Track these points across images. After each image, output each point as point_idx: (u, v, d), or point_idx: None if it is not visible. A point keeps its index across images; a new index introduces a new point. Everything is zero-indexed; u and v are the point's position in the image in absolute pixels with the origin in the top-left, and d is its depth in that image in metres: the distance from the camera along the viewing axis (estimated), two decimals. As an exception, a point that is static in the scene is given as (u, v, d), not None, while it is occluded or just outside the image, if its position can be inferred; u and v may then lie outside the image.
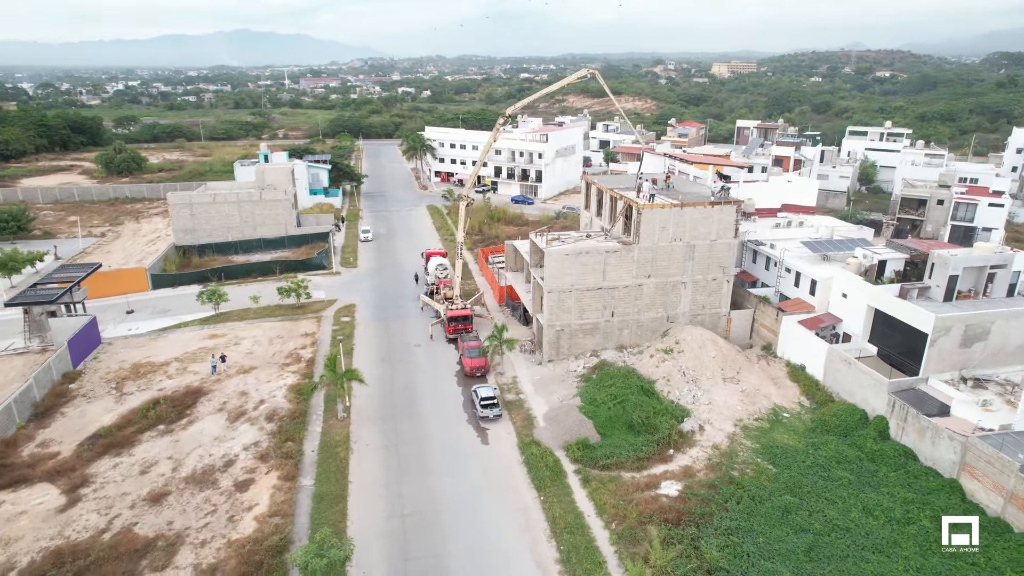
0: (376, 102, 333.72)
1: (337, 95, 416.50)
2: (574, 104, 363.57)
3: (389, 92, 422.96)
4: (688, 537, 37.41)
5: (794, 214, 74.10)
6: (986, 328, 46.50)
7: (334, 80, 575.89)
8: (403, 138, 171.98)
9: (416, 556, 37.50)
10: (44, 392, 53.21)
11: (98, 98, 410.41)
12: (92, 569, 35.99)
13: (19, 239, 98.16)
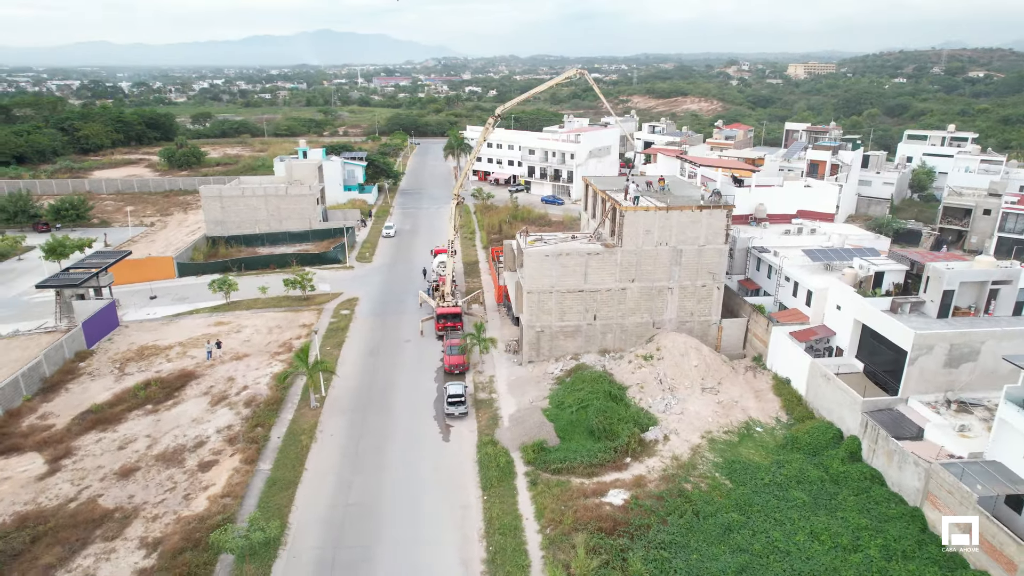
0: (440, 101, 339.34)
1: (405, 94, 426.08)
2: (638, 104, 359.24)
3: (456, 91, 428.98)
4: (618, 548, 36.68)
5: (810, 221, 70.80)
6: (975, 348, 43.23)
7: (405, 79, 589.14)
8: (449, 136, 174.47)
9: (348, 545, 38.35)
10: (54, 369, 57.23)
11: (184, 96, 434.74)
12: (49, 535, 38.64)
13: (78, 226, 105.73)
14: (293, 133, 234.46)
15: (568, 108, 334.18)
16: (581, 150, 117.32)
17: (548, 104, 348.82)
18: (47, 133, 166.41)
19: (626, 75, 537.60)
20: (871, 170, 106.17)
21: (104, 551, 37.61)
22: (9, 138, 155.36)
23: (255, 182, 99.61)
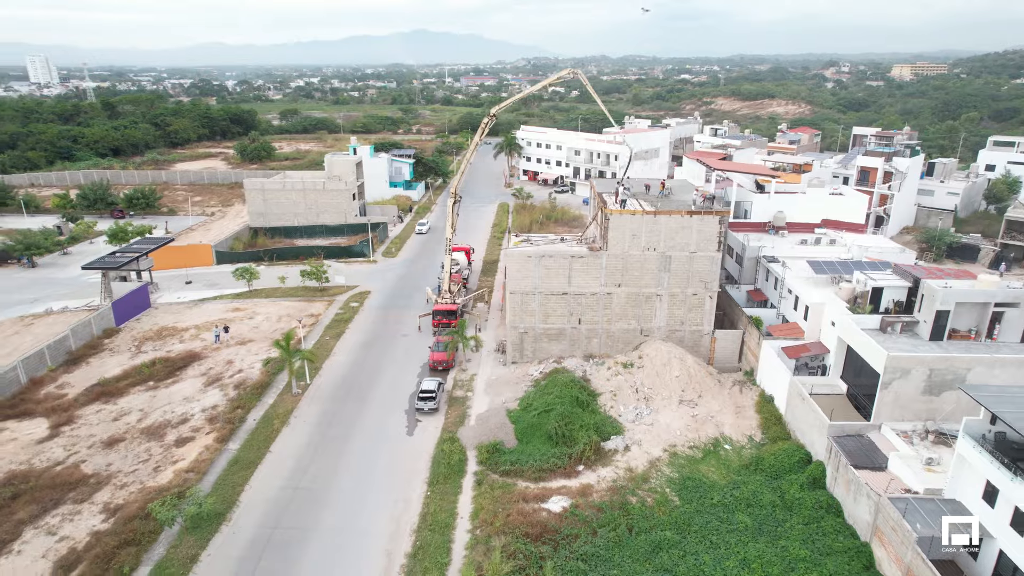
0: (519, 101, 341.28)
1: (488, 93, 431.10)
2: (722, 107, 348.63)
3: (539, 91, 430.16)
4: (538, 555, 36.23)
5: (835, 231, 66.61)
6: (959, 375, 39.52)
7: (492, 79, 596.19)
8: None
9: (285, 526, 39.84)
10: (81, 343, 62.34)
11: (280, 93, 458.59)
12: (28, 493, 42.37)
13: (148, 214, 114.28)
14: (369, 130, 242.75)
15: (650, 109, 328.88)
16: (626, 152, 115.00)
17: (628, 105, 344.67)
18: (142, 128, 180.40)
19: (716, 77, 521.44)
20: (936, 179, 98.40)
21: (71, 512, 40.82)
22: (108, 132, 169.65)
23: (297, 177, 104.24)
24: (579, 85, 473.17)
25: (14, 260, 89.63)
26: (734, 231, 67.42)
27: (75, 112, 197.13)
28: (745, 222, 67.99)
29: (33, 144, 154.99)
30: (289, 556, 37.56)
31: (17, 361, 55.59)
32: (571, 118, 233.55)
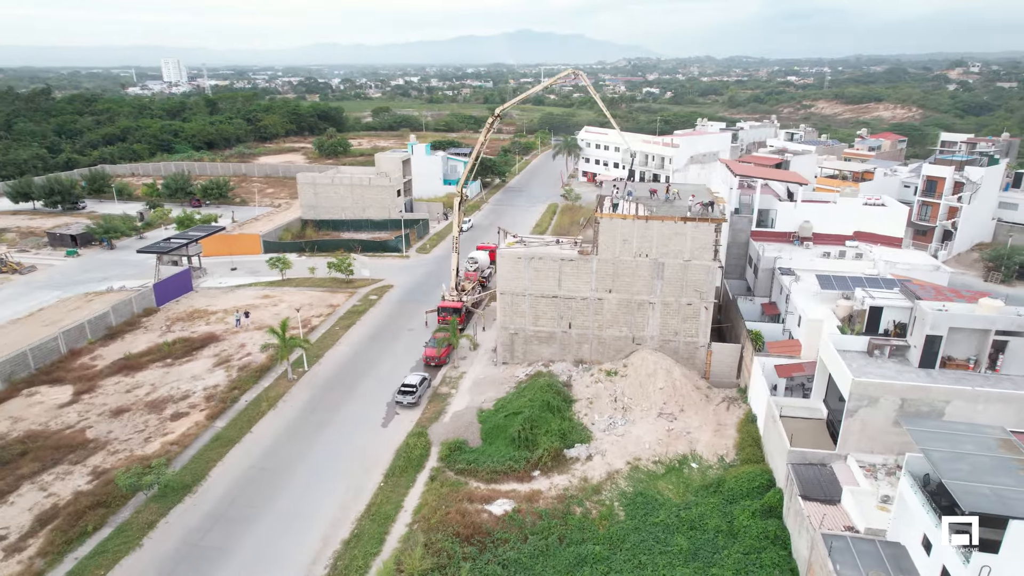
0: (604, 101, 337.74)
1: (579, 94, 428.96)
2: (823, 110, 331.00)
3: (632, 92, 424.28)
4: (460, 556, 36.31)
5: (868, 244, 61.82)
6: (936, 408, 35.82)
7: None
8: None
9: (241, 504, 42.02)
10: (121, 320, 67.98)
11: (380, 91, 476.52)
12: (34, 451, 46.89)
13: (221, 203, 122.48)
14: (451, 128, 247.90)
15: (745, 112, 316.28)
16: (680, 155, 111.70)
17: (723, 108, 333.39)
18: (235, 123, 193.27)
19: (820, 78, 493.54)
20: (1022, 191, 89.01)
21: (64, 472, 44.86)
22: (205, 127, 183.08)
23: (349, 172, 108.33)
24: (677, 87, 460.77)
25: (97, 242, 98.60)
26: (756, 240, 64.08)
27: (180, 108, 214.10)
28: (769, 231, 64.40)
29: (139, 137, 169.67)
30: (235, 532, 39.57)
31: (58, 333, 61.43)
32: (652, 119, 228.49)
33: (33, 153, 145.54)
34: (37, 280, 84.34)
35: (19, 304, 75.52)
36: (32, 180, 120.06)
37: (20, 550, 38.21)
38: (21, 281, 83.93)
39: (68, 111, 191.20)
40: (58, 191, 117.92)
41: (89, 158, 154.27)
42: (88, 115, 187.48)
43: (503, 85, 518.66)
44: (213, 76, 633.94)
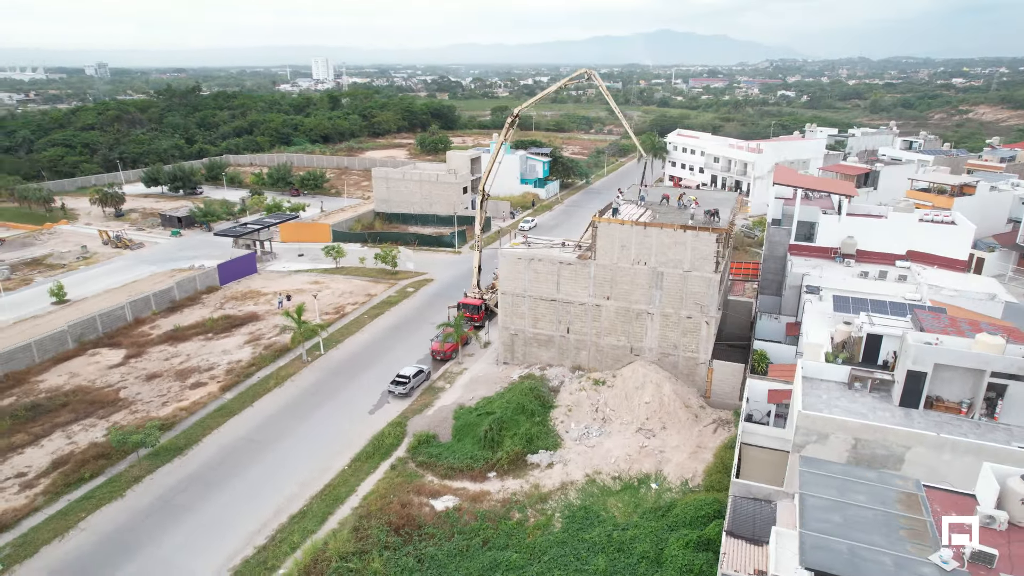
0: (729, 104, 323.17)
1: (709, 96, 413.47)
2: (982, 116, 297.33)
3: (765, 95, 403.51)
4: (383, 544, 37.22)
5: (922, 266, 55.21)
6: (895, 454, 31.58)
7: (721, 81, 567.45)
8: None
9: (219, 470, 45.53)
10: (184, 295, 75.13)
11: (508, 90, 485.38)
12: (72, 404, 53.30)
13: (317, 193, 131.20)
14: (561, 128, 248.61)
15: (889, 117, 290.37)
16: (763, 161, 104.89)
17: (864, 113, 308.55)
18: (351, 119, 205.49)
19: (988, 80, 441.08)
20: None
21: (88, 425, 50.67)
22: (322, 122, 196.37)
23: (422, 168, 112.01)
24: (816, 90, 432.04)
25: (198, 224, 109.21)
26: (795, 255, 59.29)
27: (306, 104, 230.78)
28: (809, 246, 59.29)
29: (263, 130, 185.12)
30: (205, 495, 42.94)
31: (126, 303, 69.06)
32: (770, 124, 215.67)
33: (172, 143, 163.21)
34: (142, 256, 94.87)
35: (122, 275, 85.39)
36: (161, 168, 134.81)
37: (31, 487, 43.77)
38: (130, 256, 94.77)
39: (211, 106, 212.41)
40: (180, 177, 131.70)
41: (218, 148, 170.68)
42: (226, 110, 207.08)
43: (632, 86, 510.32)
44: (357, 74, 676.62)
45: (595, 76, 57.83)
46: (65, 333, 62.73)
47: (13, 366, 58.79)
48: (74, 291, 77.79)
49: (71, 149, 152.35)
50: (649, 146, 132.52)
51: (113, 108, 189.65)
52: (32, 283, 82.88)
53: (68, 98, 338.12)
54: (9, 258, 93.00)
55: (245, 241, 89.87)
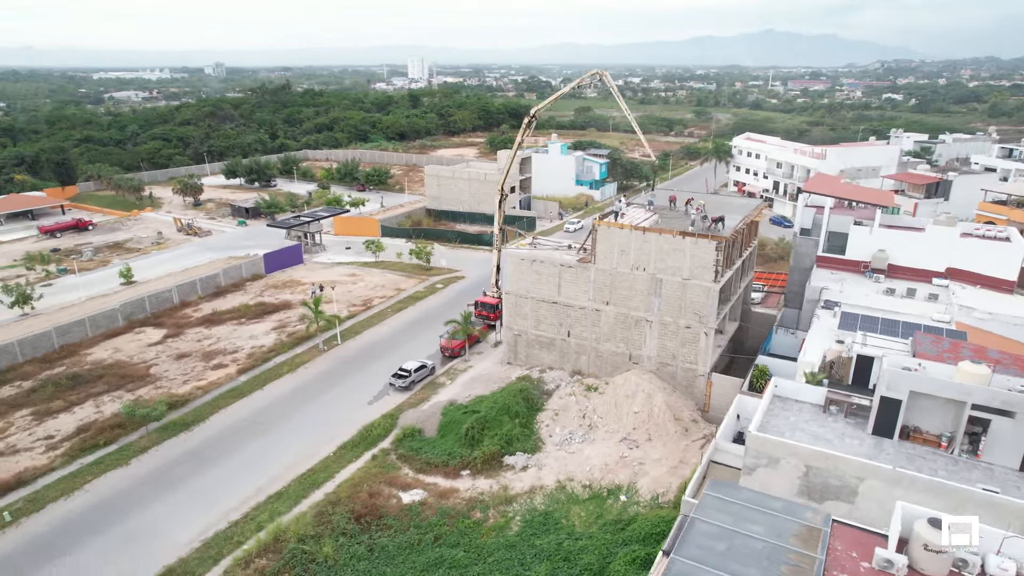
0: (823, 107, 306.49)
1: (805, 99, 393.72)
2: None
3: (868, 99, 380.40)
4: (341, 531, 38.34)
5: (962, 284, 50.57)
6: (848, 485, 29.19)
7: (821, 83, 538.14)
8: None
9: (217, 446, 48.22)
10: (229, 282, 79.71)
11: (596, 92, 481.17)
12: (107, 377, 57.84)
13: (381, 190, 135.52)
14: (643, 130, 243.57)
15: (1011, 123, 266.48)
16: (827, 168, 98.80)
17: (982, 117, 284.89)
18: (428, 118, 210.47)
19: None
20: None
21: (116, 396, 54.84)
22: (399, 120, 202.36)
23: (478, 167, 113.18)
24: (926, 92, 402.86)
25: (263, 215, 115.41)
26: (822, 267, 55.86)
27: (387, 102, 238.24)
28: (838, 258, 55.58)
29: (343, 127, 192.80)
30: (199, 469, 45.61)
31: (173, 286, 74.08)
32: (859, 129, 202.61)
33: (256, 138, 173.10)
34: (208, 243, 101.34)
35: (185, 261, 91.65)
36: (240, 161, 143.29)
37: (54, 449, 47.94)
38: (198, 243, 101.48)
39: (298, 103, 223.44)
40: (255, 170, 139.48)
41: (298, 144, 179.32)
42: (311, 107, 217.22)
43: (726, 88, 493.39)
44: (452, 73, 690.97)
45: (606, 76, 56.77)
46: (116, 312, 68.08)
47: (69, 339, 64.43)
48: (141, 274, 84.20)
49: (167, 142, 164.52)
50: (713, 150, 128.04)
51: (208, 105, 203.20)
52: (109, 264, 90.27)
53: (185, 96, 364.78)
54: (97, 241, 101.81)
55: (296, 232, 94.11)
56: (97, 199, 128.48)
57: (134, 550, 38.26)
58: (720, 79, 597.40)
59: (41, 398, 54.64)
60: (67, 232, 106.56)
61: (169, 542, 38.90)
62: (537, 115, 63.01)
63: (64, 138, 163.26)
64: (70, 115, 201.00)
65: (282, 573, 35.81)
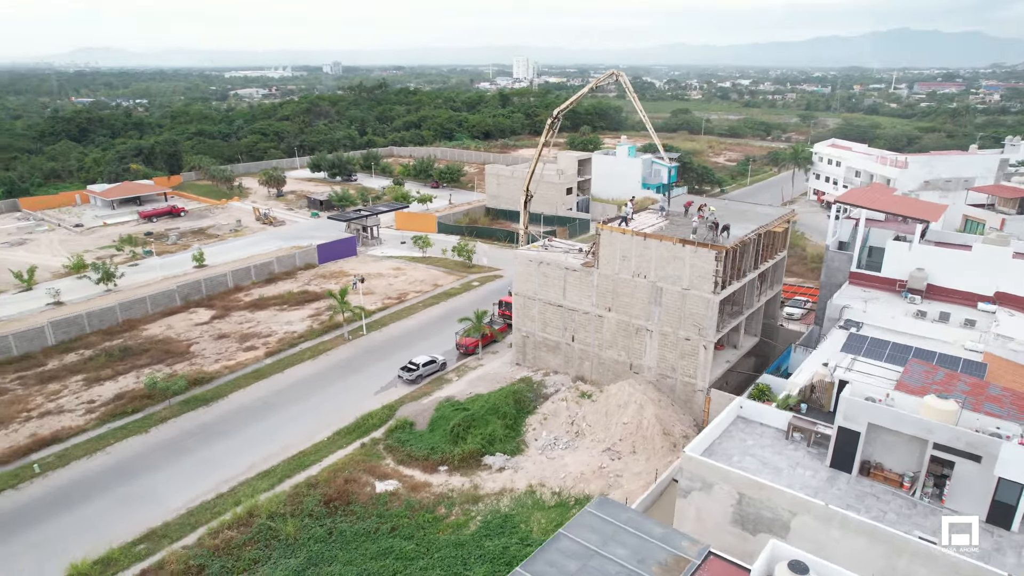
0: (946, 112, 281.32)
1: (929, 103, 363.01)
2: None
3: (1009, 102, 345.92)
4: (308, 513, 40.01)
5: (1013, 312, 45.22)
6: (780, 519, 27.00)
7: (955, 86, 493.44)
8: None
9: (228, 421, 51.55)
10: (282, 269, 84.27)
11: (701, 93, 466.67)
12: (151, 351, 62.91)
13: (454, 187, 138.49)
14: (735, 134, 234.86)
15: None
16: (907, 178, 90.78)
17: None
18: (514, 117, 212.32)
19: None
20: None
21: (156, 369, 59.56)
22: (485, 119, 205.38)
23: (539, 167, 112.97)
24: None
25: (335, 208, 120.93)
26: (855, 284, 51.78)
27: (478, 101, 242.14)
28: (873, 275, 51.24)
29: (429, 125, 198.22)
30: (207, 442, 48.89)
31: (228, 271, 79.29)
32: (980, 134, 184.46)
33: (345, 134, 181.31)
34: (281, 232, 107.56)
35: (256, 248, 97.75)
36: (324, 155, 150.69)
37: (91, 412, 52.82)
38: (271, 232, 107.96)
39: (392, 101, 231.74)
40: (337, 165, 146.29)
41: (385, 140, 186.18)
42: (403, 105, 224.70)
43: (839, 92, 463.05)
44: (558, 73, 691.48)
45: (622, 76, 55.14)
46: (174, 292, 73.84)
47: (131, 314, 70.58)
48: (212, 259, 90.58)
49: (264, 136, 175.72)
50: (790, 157, 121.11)
51: (306, 102, 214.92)
52: (188, 248, 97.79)
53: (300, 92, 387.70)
54: (184, 227, 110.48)
55: (355, 226, 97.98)
56: (196, 188, 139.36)
57: (129, 510, 41.56)
58: (840, 81, 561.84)
59: (94, 366, 60.25)
60: (162, 218, 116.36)
61: (161, 507, 41.95)
62: (560, 115, 62.22)
63: (180, 132, 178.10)
64: (189, 111, 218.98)
65: (246, 545, 37.75)
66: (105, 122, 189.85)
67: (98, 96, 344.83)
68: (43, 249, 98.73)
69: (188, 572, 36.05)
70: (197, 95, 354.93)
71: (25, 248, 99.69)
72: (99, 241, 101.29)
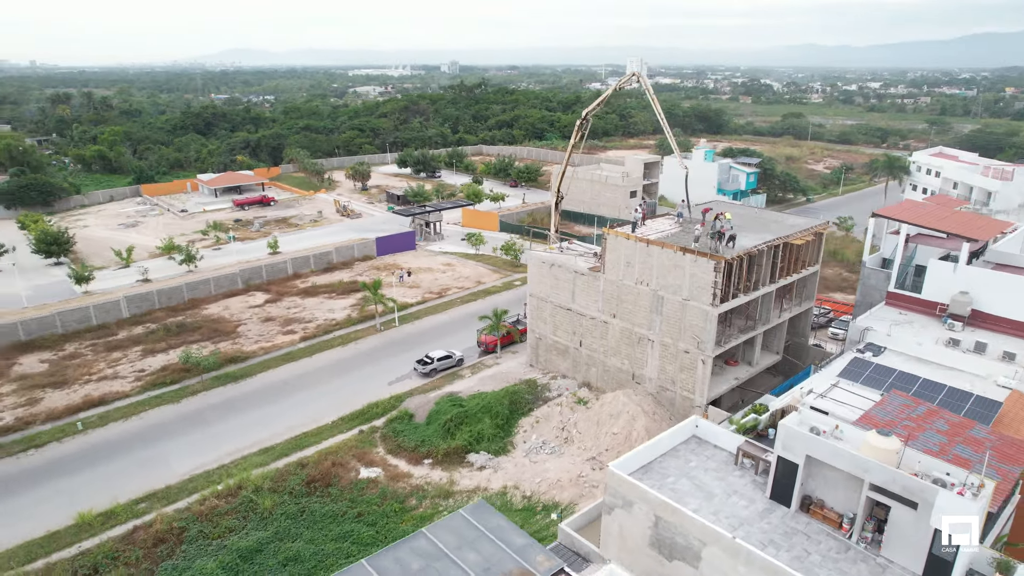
0: None
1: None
2: None
3: None
4: (289, 490, 42.10)
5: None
6: (692, 547, 25.16)
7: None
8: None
9: (249, 399, 54.95)
10: (340, 260, 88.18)
11: (822, 96, 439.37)
12: (203, 328, 67.98)
13: (531, 186, 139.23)
14: (845, 140, 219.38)
15: None
16: (1010, 191, 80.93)
17: None
18: (608, 119, 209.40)
19: None
20: None
21: (203, 346, 64.34)
22: (574, 120, 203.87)
23: (608, 168, 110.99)
24: None
25: (411, 202, 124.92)
26: (892, 304, 47.28)
27: (574, 102, 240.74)
28: (910, 296, 46.46)
29: (521, 125, 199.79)
30: (224, 416, 52.43)
31: (287, 259, 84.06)
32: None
33: (437, 132, 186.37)
34: (357, 224, 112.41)
35: (330, 238, 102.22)
36: (411, 152, 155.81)
37: (138, 380, 57.97)
38: (348, 223, 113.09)
39: (489, 100, 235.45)
40: (422, 162, 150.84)
41: (476, 139, 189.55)
42: (498, 104, 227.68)
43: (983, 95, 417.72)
44: (674, 74, 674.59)
45: (642, 78, 52.93)
46: (236, 276, 79.30)
47: (196, 294, 76.58)
48: (287, 247, 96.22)
49: (361, 132, 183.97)
50: (884, 166, 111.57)
51: (405, 100, 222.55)
52: (268, 236, 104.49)
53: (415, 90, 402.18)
54: (271, 215, 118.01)
55: (419, 221, 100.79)
56: (291, 179, 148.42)
57: (140, 473, 45.31)
58: (988, 84, 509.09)
59: (154, 339, 65.97)
60: (253, 206, 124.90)
61: (169, 472, 45.47)
62: (589, 116, 60.95)
63: (290, 127, 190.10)
64: (301, 107, 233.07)
65: (227, 515, 40.22)
66: (227, 117, 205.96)
67: (233, 93, 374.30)
68: (149, 232, 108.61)
69: (171, 532, 38.92)
70: (318, 92, 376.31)
71: (136, 230, 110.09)
72: (197, 226, 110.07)
